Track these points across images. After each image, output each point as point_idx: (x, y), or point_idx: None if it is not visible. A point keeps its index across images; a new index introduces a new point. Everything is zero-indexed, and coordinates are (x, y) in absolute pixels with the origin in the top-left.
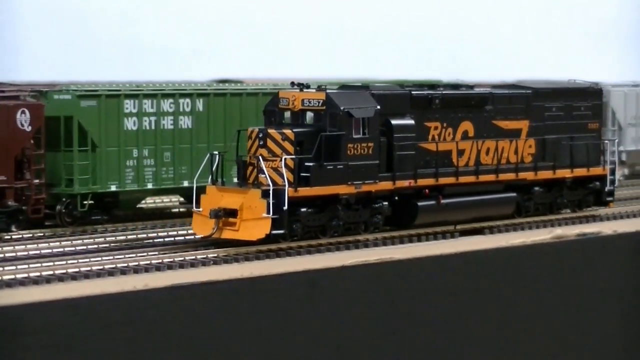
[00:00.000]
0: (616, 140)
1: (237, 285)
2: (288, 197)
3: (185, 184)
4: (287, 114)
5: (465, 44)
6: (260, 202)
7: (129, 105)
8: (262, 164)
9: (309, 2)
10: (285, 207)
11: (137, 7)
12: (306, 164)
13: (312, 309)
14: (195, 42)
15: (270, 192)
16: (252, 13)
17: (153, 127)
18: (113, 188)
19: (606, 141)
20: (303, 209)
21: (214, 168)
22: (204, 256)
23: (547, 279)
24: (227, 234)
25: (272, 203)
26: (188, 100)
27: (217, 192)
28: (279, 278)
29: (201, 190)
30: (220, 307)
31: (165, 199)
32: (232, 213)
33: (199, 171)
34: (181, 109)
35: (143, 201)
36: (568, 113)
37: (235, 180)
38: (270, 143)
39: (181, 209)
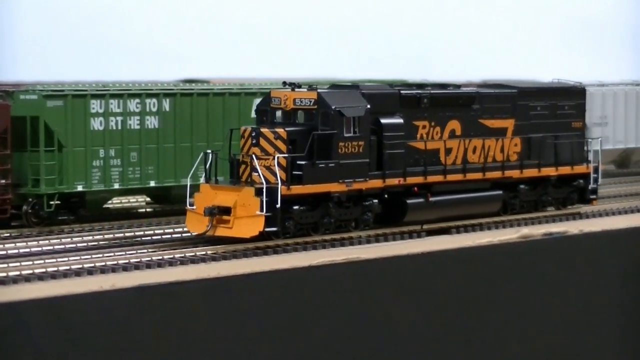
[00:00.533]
0: (600, 139)
1: (204, 285)
2: (281, 195)
3: (152, 183)
4: (279, 113)
5: (431, 44)
6: (253, 200)
7: (95, 105)
8: (256, 162)
9: (274, 2)
10: (279, 205)
11: (103, 6)
12: (298, 162)
13: (279, 308)
14: (162, 41)
15: (264, 190)
16: (217, 13)
17: (119, 127)
18: (79, 188)
19: (590, 140)
20: (296, 207)
21: (207, 166)
22: (171, 256)
23: (514, 278)
24: (221, 232)
25: (266, 201)
26: (155, 100)
27: (211, 190)
28: (246, 278)
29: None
30: (187, 307)
31: (132, 199)
32: (226, 211)
33: (193, 170)
34: (148, 109)
35: (110, 201)
36: (552, 112)
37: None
38: (263, 142)
39: (148, 209)
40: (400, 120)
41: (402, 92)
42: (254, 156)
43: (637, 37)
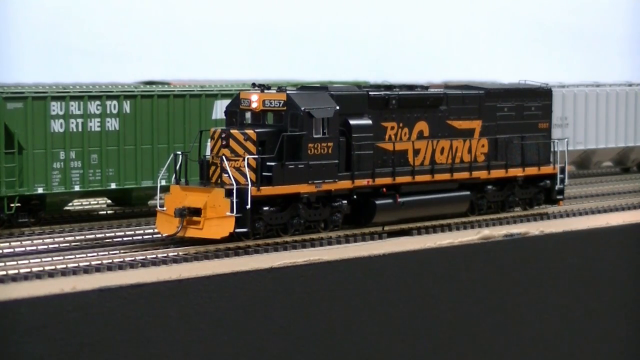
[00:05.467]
0: (566, 140)
1: (165, 288)
2: (251, 196)
3: (113, 186)
4: (249, 115)
5: (392, 46)
6: (224, 201)
7: (55, 107)
8: (226, 163)
9: (235, 4)
10: (249, 206)
11: (63, 8)
12: (268, 163)
13: (240, 311)
14: (121, 44)
15: (234, 191)
16: (177, 15)
17: (80, 129)
18: (40, 190)
19: (556, 140)
20: (265, 208)
21: (177, 167)
22: (132, 258)
23: (475, 279)
24: (191, 233)
25: (236, 202)
26: (115, 102)
27: (180, 191)
28: (206, 280)
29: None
30: (148, 310)
31: (93, 201)
32: (196, 212)
33: (162, 170)
34: (108, 111)
35: (70, 203)
36: (519, 113)
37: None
38: (232, 143)
39: (108, 211)
40: (369, 122)
41: (370, 93)
42: (223, 157)
43: (597, 40)
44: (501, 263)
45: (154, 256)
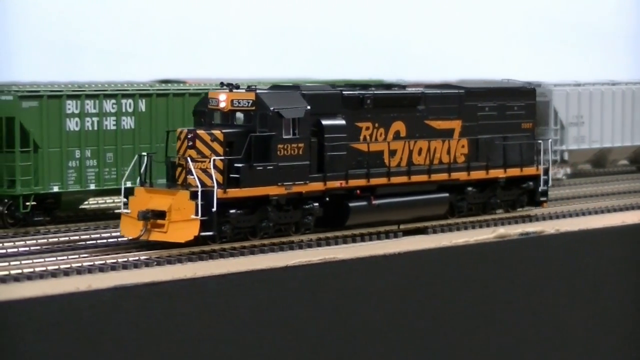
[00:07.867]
0: (550, 140)
1: (180, 286)
2: (217, 198)
3: (128, 184)
4: (217, 115)
5: (407, 45)
6: (189, 203)
7: (71, 106)
8: (191, 165)
9: (248, 2)
10: (215, 209)
11: (77, 7)
12: (236, 164)
13: (255, 309)
14: (137, 42)
15: (199, 193)
16: (193, 13)
17: (95, 128)
18: (55, 189)
19: (540, 141)
20: (233, 211)
21: (142, 169)
22: (147, 257)
23: (490, 277)
24: (156, 236)
25: (201, 204)
26: (130, 100)
27: (145, 194)
28: (221, 279)
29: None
30: (163, 308)
31: (108, 199)
32: (161, 215)
33: (127, 172)
34: (123, 110)
35: (85, 202)
36: (501, 113)
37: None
38: (199, 144)
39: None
40: (342, 122)
41: (344, 92)
42: (189, 158)
43: (612, 38)
44: (517, 261)
45: (169, 255)
